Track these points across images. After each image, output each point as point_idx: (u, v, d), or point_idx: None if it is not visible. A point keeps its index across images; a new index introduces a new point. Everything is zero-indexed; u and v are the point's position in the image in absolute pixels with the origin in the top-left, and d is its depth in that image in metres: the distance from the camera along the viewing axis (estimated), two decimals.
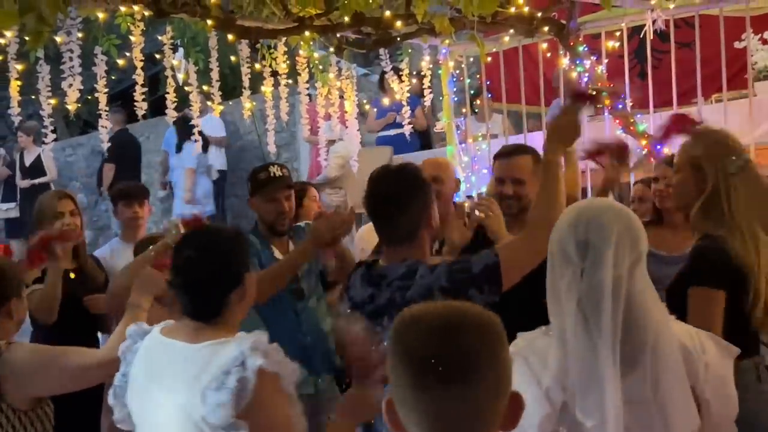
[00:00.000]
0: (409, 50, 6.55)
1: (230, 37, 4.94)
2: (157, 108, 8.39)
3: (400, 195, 2.60)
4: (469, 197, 5.36)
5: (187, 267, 2.24)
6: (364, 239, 4.55)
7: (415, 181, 2.65)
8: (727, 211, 2.73)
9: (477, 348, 1.35)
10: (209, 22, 4.69)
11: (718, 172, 2.76)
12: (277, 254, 3.74)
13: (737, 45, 6.24)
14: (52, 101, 4.82)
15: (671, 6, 5.69)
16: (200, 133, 6.05)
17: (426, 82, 6.51)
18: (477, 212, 3.12)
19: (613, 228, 1.96)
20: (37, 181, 10.17)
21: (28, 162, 10.35)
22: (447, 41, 6.37)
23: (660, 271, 2.61)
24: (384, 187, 2.65)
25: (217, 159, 9.84)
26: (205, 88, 5.85)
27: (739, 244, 2.68)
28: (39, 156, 10.19)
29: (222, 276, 2.22)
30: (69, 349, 2.61)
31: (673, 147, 3.48)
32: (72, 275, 4.03)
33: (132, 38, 5.06)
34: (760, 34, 6.19)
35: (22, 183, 10.30)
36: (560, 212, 2.49)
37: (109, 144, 5.10)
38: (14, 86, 4.75)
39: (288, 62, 5.98)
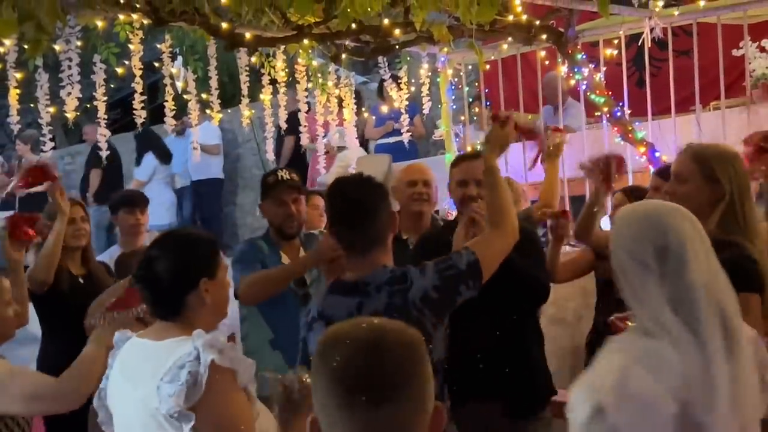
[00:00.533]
0: (408, 58, 6.56)
1: (228, 45, 4.94)
2: (156, 116, 8.40)
3: (369, 201, 2.65)
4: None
5: (147, 263, 2.32)
6: None
7: (378, 186, 2.72)
8: (742, 219, 2.78)
9: (403, 366, 1.36)
10: (209, 30, 4.69)
11: (732, 180, 2.80)
12: (285, 260, 3.75)
13: (735, 53, 6.26)
14: (51, 109, 4.83)
15: (676, 13, 5.72)
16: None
17: (424, 90, 6.53)
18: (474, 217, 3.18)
19: (686, 228, 2.00)
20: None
21: None
22: (445, 49, 6.38)
23: None
24: (353, 195, 2.68)
25: (211, 167, 9.85)
26: (203, 96, 5.86)
27: (757, 250, 2.74)
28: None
29: (175, 277, 2.28)
30: (21, 371, 2.69)
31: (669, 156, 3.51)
32: (81, 281, 4.07)
33: (131, 47, 5.07)
34: (757, 42, 6.20)
35: (20, 191, 10.27)
36: (510, 205, 2.80)
37: (92, 152, 5.14)
38: (13, 94, 4.76)
39: (287, 70, 5.99)
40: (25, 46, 3.54)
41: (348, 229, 2.67)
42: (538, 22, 5.62)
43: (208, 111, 6.67)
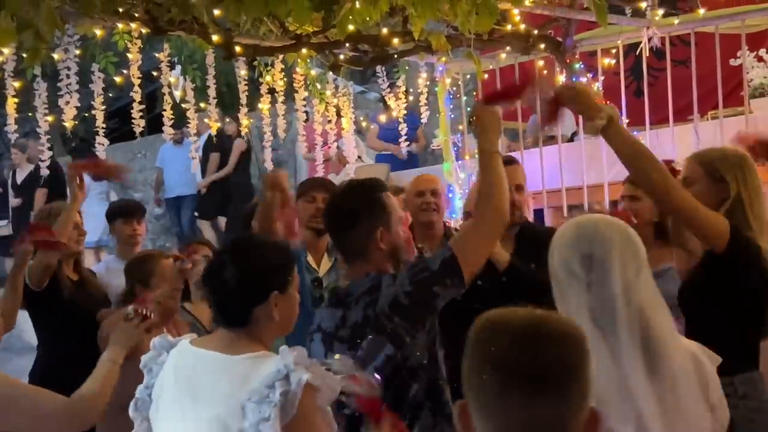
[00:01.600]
0: (406, 68, 6.57)
1: (227, 54, 4.95)
2: (154, 125, 8.40)
3: (348, 211, 2.63)
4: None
5: (215, 269, 2.21)
6: None
7: (367, 198, 2.67)
8: (752, 215, 2.80)
9: (566, 358, 1.33)
10: (217, 38, 4.69)
11: (738, 179, 2.83)
12: (311, 260, 3.86)
13: (733, 62, 6.28)
14: (49, 118, 4.83)
15: (676, 21, 5.72)
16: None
17: (422, 99, 6.54)
18: None
19: (614, 238, 2.00)
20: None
21: (19, 179, 10.28)
22: (443, 59, 6.39)
23: None
24: (337, 203, 2.71)
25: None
26: (202, 105, 5.86)
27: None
28: (31, 173, 10.13)
29: (244, 287, 2.16)
30: (32, 389, 2.52)
31: None
32: (76, 286, 4.07)
33: (129, 56, 5.07)
34: (755, 52, 6.22)
35: (13, 201, 10.25)
36: (504, 195, 2.62)
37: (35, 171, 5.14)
38: (11, 103, 4.76)
39: (285, 80, 5.99)
40: (24, 55, 3.53)
41: (332, 236, 2.74)
42: (536, 32, 5.63)
43: (206, 120, 6.69)
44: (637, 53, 5.98)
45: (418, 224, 3.84)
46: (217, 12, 4.15)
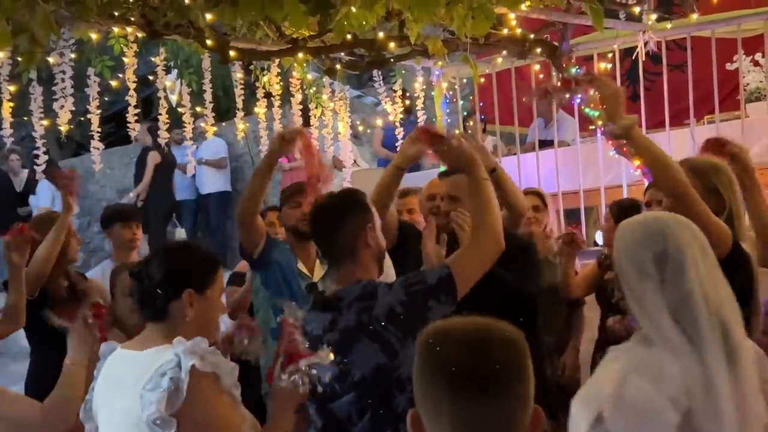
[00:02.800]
0: (402, 72, 6.57)
1: (223, 58, 4.94)
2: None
3: (332, 213, 2.68)
4: None
5: (145, 262, 2.37)
6: None
7: (351, 200, 2.73)
8: (739, 229, 2.88)
9: (509, 361, 1.42)
10: (210, 42, 4.69)
11: (729, 191, 2.91)
12: (301, 266, 3.92)
13: (729, 66, 6.29)
14: (45, 122, 4.81)
15: (668, 26, 5.73)
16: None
17: (419, 103, 6.53)
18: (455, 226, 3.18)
19: (685, 234, 2.02)
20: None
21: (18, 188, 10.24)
22: (440, 63, 6.39)
23: None
24: (320, 208, 2.74)
25: (220, 180, 9.87)
26: (198, 109, 5.85)
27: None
28: (26, 181, 10.10)
29: (161, 280, 2.30)
30: (12, 394, 2.65)
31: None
32: (67, 294, 4.04)
33: (125, 60, 5.06)
34: (751, 56, 6.23)
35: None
36: (497, 220, 2.70)
37: None
38: (6, 107, 4.74)
39: (281, 84, 5.99)
40: (19, 59, 3.52)
41: (316, 243, 2.80)
42: (532, 36, 5.64)
43: (202, 125, 6.68)
44: (634, 57, 5.99)
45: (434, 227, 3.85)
46: (209, 16, 4.13)
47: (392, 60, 5.70)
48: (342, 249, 2.66)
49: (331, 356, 2.31)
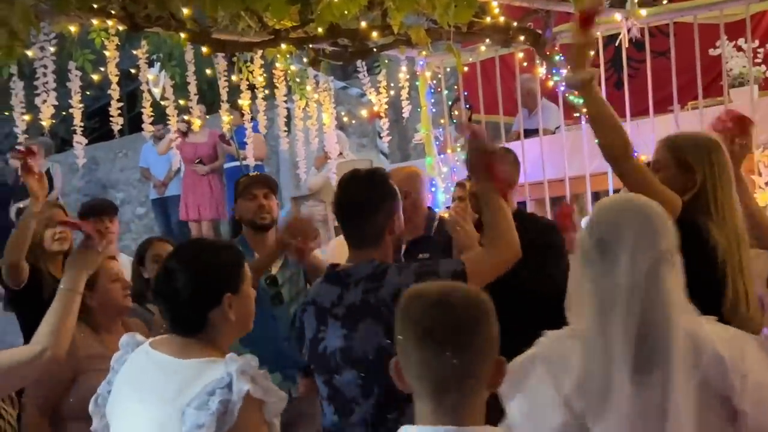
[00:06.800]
0: (386, 62, 6.55)
1: (205, 50, 4.91)
2: (135, 125, 8.34)
3: (367, 200, 2.66)
4: (448, 208, 5.36)
5: (166, 277, 2.17)
6: (334, 253, 4.50)
7: (383, 186, 2.71)
8: (714, 205, 2.74)
9: (466, 318, 1.62)
10: (184, 35, 4.66)
11: (705, 168, 2.79)
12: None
13: (712, 52, 6.31)
14: (26, 117, 4.77)
15: (644, 13, 5.72)
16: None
17: (404, 93, 6.52)
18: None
19: (629, 226, 1.93)
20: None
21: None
22: (424, 52, 6.38)
23: None
24: (353, 191, 2.70)
25: None
26: (182, 102, 5.82)
27: (723, 238, 2.69)
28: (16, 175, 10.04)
29: (197, 293, 2.13)
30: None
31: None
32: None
33: (107, 53, 5.02)
34: (734, 41, 6.24)
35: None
36: (512, 230, 2.66)
37: None
38: None
39: (265, 75, 5.96)
40: None
41: (344, 224, 2.74)
42: (515, 24, 5.63)
43: (187, 117, 6.64)
44: (617, 44, 5.99)
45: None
46: (186, 11, 4.10)
47: (376, 50, 5.68)
48: (371, 235, 2.66)
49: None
